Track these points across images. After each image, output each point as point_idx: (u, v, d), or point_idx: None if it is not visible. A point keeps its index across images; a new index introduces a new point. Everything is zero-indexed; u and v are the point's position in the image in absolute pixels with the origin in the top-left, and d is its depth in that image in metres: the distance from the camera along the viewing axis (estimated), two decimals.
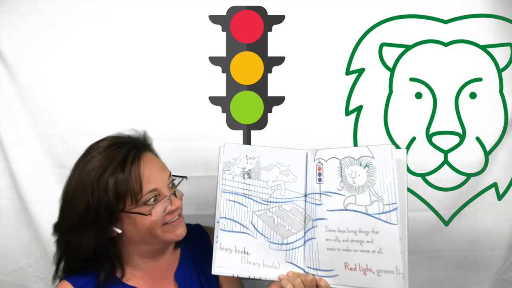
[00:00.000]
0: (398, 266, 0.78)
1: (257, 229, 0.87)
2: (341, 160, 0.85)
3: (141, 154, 0.85)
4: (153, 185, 0.83)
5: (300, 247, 0.85)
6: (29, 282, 1.23)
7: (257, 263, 0.86)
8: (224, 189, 0.89)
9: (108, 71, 1.15)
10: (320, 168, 0.87)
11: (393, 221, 0.79)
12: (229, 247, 0.87)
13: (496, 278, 1.23)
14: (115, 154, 0.82)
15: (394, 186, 0.80)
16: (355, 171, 0.84)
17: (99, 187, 0.79)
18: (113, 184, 0.80)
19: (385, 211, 0.80)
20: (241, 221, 0.88)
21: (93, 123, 1.15)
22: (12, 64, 1.14)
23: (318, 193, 0.86)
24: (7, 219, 1.19)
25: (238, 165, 0.90)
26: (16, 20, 1.13)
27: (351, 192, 0.83)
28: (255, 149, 0.92)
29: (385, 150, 0.82)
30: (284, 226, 0.86)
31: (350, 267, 0.81)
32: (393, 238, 0.79)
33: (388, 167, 0.81)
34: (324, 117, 1.17)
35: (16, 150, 1.16)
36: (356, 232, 0.81)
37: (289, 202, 0.87)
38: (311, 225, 0.85)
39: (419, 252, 1.19)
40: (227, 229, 0.88)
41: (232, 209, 0.89)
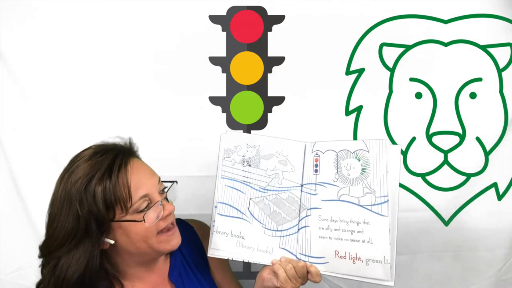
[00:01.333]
0: (386, 256, 0.81)
1: (253, 215, 0.90)
2: (337, 152, 0.89)
3: (128, 160, 0.83)
4: (144, 191, 0.81)
5: (293, 234, 0.88)
6: (29, 282, 1.23)
7: (251, 247, 0.89)
8: (223, 175, 0.92)
9: (109, 70, 1.15)
10: (317, 160, 0.90)
11: (384, 213, 0.83)
12: (225, 231, 0.90)
13: (496, 279, 1.23)
14: (101, 161, 0.80)
15: (386, 180, 0.83)
16: (350, 164, 0.87)
17: (87, 196, 0.77)
18: (101, 192, 0.77)
19: (377, 203, 0.83)
20: (238, 207, 0.91)
21: (93, 123, 1.15)
22: (12, 64, 1.14)
23: (314, 184, 0.89)
24: (7, 219, 1.19)
25: (238, 153, 0.92)
26: (16, 20, 1.13)
27: (345, 183, 0.87)
28: (256, 138, 0.95)
29: (380, 144, 0.86)
30: (280, 213, 0.89)
31: (340, 255, 0.84)
32: (383, 229, 0.82)
33: (382, 161, 0.85)
34: (324, 117, 1.17)
35: (16, 150, 1.16)
36: (347, 222, 0.85)
37: (286, 191, 0.90)
38: (305, 214, 0.88)
39: (419, 252, 1.19)
40: (224, 213, 0.91)
41: (230, 195, 0.91)
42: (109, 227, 0.80)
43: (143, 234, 0.81)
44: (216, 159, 0.93)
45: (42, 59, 1.14)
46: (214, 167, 1.14)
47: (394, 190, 0.84)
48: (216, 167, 0.93)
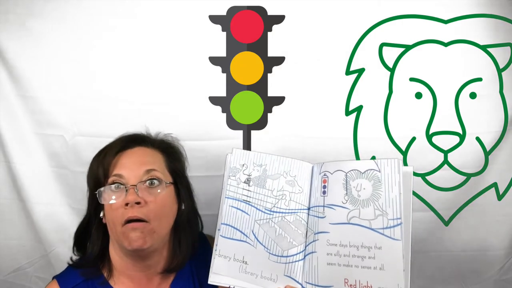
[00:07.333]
0: (400, 284, 0.75)
1: (258, 239, 0.85)
2: (347, 173, 0.82)
3: (132, 145, 0.88)
4: (121, 171, 0.84)
5: (300, 261, 0.83)
6: (29, 282, 1.23)
7: (254, 274, 0.84)
8: (228, 195, 0.88)
9: (108, 71, 1.15)
10: (325, 181, 0.84)
11: (397, 236, 0.76)
12: (227, 255, 0.86)
13: (496, 279, 1.23)
14: (111, 144, 0.89)
15: (400, 201, 0.77)
16: (360, 184, 0.81)
17: (90, 170, 0.88)
18: (95, 167, 0.86)
19: (389, 226, 0.77)
20: (242, 229, 0.86)
21: (93, 123, 1.15)
22: (13, 64, 1.14)
23: (322, 206, 0.83)
24: (7, 219, 1.19)
25: (244, 172, 0.88)
26: (16, 20, 1.13)
27: (355, 205, 0.80)
28: (262, 156, 0.89)
29: (392, 164, 0.79)
30: (286, 237, 0.84)
31: (350, 284, 0.78)
32: (396, 254, 0.75)
33: (394, 181, 0.78)
34: (324, 117, 1.17)
35: (16, 150, 1.16)
36: (358, 247, 0.79)
37: (292, 213, 0.85)
38: (312, 239, 0.83)
39: (419, 252, 1.19)
40: (227, 236, 0.86)
41: (234, 216, 0.87)
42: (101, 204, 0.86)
43: (111, 215, 0.84)
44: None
45: (42, 58, 1.14)
46: (213, 167, 1.15)
47: (407, 213, 0.77)
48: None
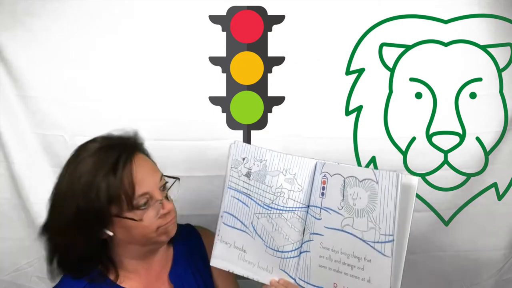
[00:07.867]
0: None
1: (256, 231, 0.87)
2: (345, 178, 0.80)
3: (132, 156, 0.82)
4: (145, 189, 0.80)
5: (294, 258, 0.85)
6: (29, 282, 1.23)
7: (252, 263, 0.88)
8: (230, 186, 0.90)
9: (108, 71, 1.15)
10: (324, 182, 0.84)
11: (387, 253, 0.74)
12: (228, 241, 0.89)
13: (496, 279, 1.23)
14: (106, 157, 0.79)
15: (394, 217, 0.73)
16: (357, 193, 0.78)
17: (90, 192, 0.77)
18: (105, 188, 0.77)
19: (380, 241, 0.75)
20: (242, 219, 0.89)
21: (93, 123, 1.15)
22: (13, 64, 1.13)
23: (319, 207, 0.83)
24: (7, 219, 1.19)
25: (245, 165, 0.90)
26: (16, 20, 1.13)
27: (350, 213, 0.79)
28: (263, 151, 0.88)
29: (390, 177, 0.75)
30: (282, 234, 0.85)
31: None
32: (384, 270, 0.74)
33: (391, 195, 0.74)
34: (324, 117, 1.17)
35: (16, 150, 1.16)
36: (349, 256, 0.78)
37: (290, 211, 0.85)
38: (308, 238, 0.84)
39: (419, 252, 1.19)
40: (229, 224, 0.90)
41: (235, 206, 0.90)
42: (110, 221, 0.80)
43: (142, 232, 0.81)
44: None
45: (42, 58, 1.14)
46: (213, 167, 1.15)
47: (403, 231, 0.75)
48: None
